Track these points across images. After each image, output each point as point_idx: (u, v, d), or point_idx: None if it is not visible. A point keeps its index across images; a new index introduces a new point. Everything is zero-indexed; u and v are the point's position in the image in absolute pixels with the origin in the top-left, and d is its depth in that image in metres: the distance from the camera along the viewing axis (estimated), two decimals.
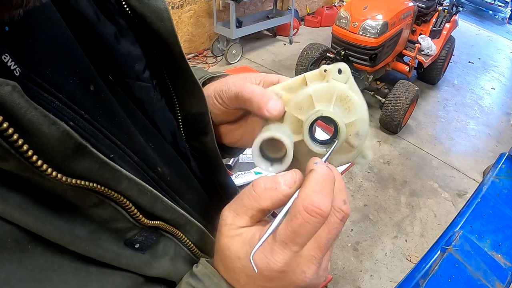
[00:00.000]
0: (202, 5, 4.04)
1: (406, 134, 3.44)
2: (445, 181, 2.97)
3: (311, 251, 0.29)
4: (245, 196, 0.32)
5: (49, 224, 0.23)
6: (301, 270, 0.29)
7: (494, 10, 8.75)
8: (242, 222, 0.31)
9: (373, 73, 3.35)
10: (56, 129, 0.21)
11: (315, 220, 0.28)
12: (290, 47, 4.77)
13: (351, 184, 2.81)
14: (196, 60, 4.18)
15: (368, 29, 3.01)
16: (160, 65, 0.37)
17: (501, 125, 3.89)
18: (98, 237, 0.27)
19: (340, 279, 2.13)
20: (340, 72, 0.34)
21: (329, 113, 0.33)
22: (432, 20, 3.77)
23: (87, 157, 0.23)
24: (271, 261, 0.28)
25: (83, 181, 0.24)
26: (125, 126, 0.31)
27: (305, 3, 5.61)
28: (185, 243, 0.37)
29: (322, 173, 0.30)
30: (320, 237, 0.29)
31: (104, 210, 0.27)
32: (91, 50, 0.29)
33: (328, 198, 0.29)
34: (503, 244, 1.44)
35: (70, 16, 0.28)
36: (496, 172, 1.74)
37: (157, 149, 0.36)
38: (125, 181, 0.27)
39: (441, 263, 1.33)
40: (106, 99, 0.29)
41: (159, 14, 0.34)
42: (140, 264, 0.31)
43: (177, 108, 0.41)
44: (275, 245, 0.29)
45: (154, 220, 0.32)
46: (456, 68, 4.90)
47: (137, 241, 0.31)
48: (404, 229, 2.51)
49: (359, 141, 0.35)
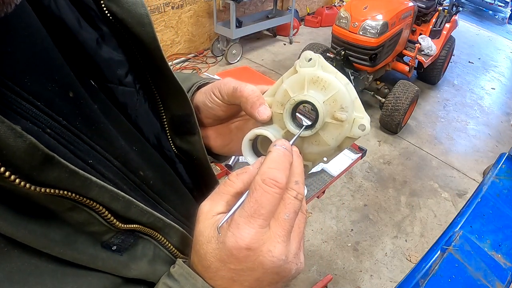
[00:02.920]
0: (202, 5, 4.04)
1: (406, 134, 3.44)
2: (445, 181, 2.97)
3: (273, 229, 0.31)
4: (220, 186, 0.35)
5: (23, 229, 0.24)
6: (267, 249, 0.30)
7: (494, 10, 8.75)
8: (218, 208, 0.33)
9: (373, 73, 3.35)
10: (22, 141, 0.21)
11: (273, 190, 0.31)
12: (290, 47, 4.77)
13: (351, 184, 2.81)
14: (196, 60, 4.18)
15: (368, 29, 3.01)
16: (143, 69, 0.38)
17: (501, 125, 3.89)
18: (74, 240, 0.28)
19: (340, 279, 2.13)
20: (310, 60, 0.38)
21: (302, 97, 0.36)
22: (432, 20, 3.77)
23: (56, 167, 0.24)
24: (238, 237, 0.30)
25: (52, 189, 0.24)
26: (106, 131, 0.31)
27: (305, 3, 5.61)
28: (165, 245, 0.37)
29: (278, 153, 0.33)
30: (278, 214, 0.32)
31: (79, 215, 0.27)
32: (73, 56, 0.30)
33: (283, 172, 0.32)
34: (503, 244, 1.44)
35: (51, 23, 0.28)
36: (496, 172, 1.74)
37: (141, 153, 0.36)
38: (95, 188, 0.27)
39: (441, 263, 1.33)
40: (85, 105, 0.29)
41: (140, 19, 0.35)
42: (117, 266, 0.32)
43: (162, 111, 0.42)
44: (241, 220, 0.30)
45: (130, 224, 0.32)
46: (456, 68, 4.90)
47: (114, 244, 0.31)
48: (404, 229, 2.51)
49: (345, 113, 0.37)
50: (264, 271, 0.31)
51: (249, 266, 0.31)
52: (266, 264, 0.30)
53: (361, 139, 3.26)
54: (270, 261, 0.30)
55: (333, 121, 0.37)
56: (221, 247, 0.31)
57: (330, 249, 2.30)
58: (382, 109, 3.23)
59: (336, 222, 2.49)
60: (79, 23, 0.31)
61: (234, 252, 0.30)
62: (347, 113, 0.37)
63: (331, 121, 0.37)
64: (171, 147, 0.44)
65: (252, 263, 0.31)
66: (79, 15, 0.32)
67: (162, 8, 3.68)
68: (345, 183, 2.80)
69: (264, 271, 0.31)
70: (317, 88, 0.37)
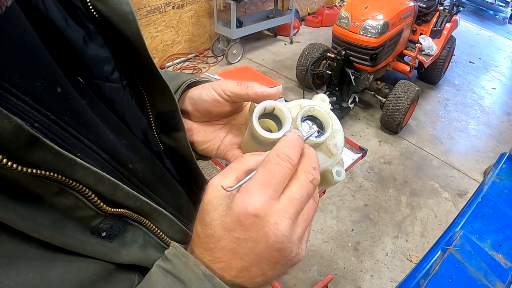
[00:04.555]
0: (202, 5, 4.04)
1: (406, 134, 3.44)
2: (446, 181, 2.97)
3: (284, 204, 0.32)
4: (233, 162, 0.36)
5: (12, 212, 0.25)
6: (274, 221, 0.31)
7: (495, 10, 8.74)
8: (228, 182, 0.34)
9: (373, 73, 3.34)
10: (8, 122, 0.22)
11: (285, 164, 0.32)
12: (291, 47, 4.77)
13: (352, 184, 2.81)
14: (196, 60, 4.18)
15: (368, 29, 3.01)
16: (129, 66, 0.39)
17: (502, 125, 3.89)
18: (63, 225, 0.28)
19: (341, 279, 2.13)
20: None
21: (319, 108, 0.39)
22: (432, 20, 3.77)
23: (40, 147, 0.25)
24: (247, 202, 0.31)
25: (38, 170, 0.25)
26: (94, 125, 0.32)
27: (305, 3, 5.61)
28: (154, 232, 0.38)
29: (292, 137, 0.35)
30: (291, 192, 0.32)
31: (66, 199, 0.28)
32: (60, 54, 0.31)
33: (296, 152, 0.33)
34: (504, 244, 1.44)
35: (39, 22, 0.29)
36: (496, 172, 1.74)
37: (130, 146, 0.37)
38: (80, 169, 0.28)
39: (442, 263, 1.33)
40: (73, 100, 0.30)
41: (125, 16, 0.36)
42: (107, 252, 0.32)
43: (148, 107, 0.43)
44: (252, 186, 0.31)
45: (117, 208, 0.32)
46: (456, 68, 4.90)
47: (103, 229, 0.32)
48: (404, 229, 2.51)
49: (337, 150, 0.41)
50: (266, 245, 0.31)
51: (252, 236, 0.31)
52: (270, 236, 0.31)
53: (362, 139, 3.26)
54: (274, 234, 0.31)
55: (326, 150, 0.41)
56: (228, 213, 0.31)
57: (330, 249, 2.30)
58: (382, 109, 3.23)
59: (336, 222, 2.49)
60: (66, 22, 0.32)
61: (241, 218, 0.31)
62: (338, 151, 0.41)
63: (325, 149, 0.41)
64: (158, 143, 0.45)
65: (257, 233, 0.31)
66: (66, 13, 0.32)
67: (162, 8, 3.68)
68: (345, 183, 2.80)
69: (266, 245, 0.31)
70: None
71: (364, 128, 3.45)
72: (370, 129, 3.45)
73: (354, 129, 3.41)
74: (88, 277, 0.31)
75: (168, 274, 0.33)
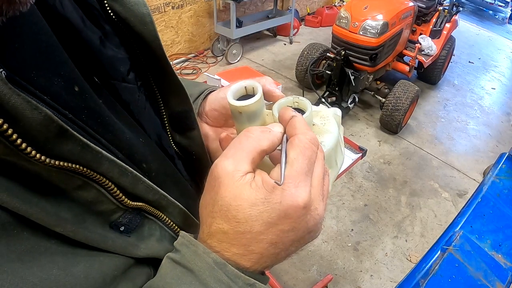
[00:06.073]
0: (202, 5, 4.04)
1: (406, 134, 3.44)
2: (446, 181, 2.97)
3: (316, 188, 0.32)
4: (242, 141, 0.33)
5: (35, 207, 0.24)
6: (315, 207, 0.31)
7: (495, 10, 8.74)
8: (244, 167, 0.31)
9: (373, 73, 3.34)
10: (38, 113, 0.22)
11: (317, 150, 0.33)
12: (290, 47, 4.77)
13: (351, 184, 2.81)
14: (196, 60, 4.18)
15: (368, 29, 3.01)
16: (144, 67, 0.39)
17: (502, 125, 3.89)
18: (83, 220, 0.28)
19: (340, 279, 2.13)
20: None
21: (303, 99, 0.39)
22: (432, 20, 3.77)
23: (69, 139, 0.25)
24: (298, 196, 0.30)
25: (66, 163, 0.25)
26: (111, 124, 0.32)
27: (305, 3, 5.61)
28: (169, 226, 0.38)
29: (300, 117, 0.35)
30: (317, 173, 0.33)
31: (88, 192, 0.28)
32: (77, 54, 0.31)
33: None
34: (504, 244, 1.44)
35: (56, 21, 0.29)
36: (496, 172, 1.75)
37: (146, 145, 0.37)
38: (106, 162, 0.28)
39: (442, 263, 1.33)
40: (91, 99, 0.30)
41: (142, 18, 0.36)
42: (127, 246, 0.32)
43: (162, 107, 0.43)
44: (298, 178, 0.30)
45: (137, 202, 0.33)
46: (456, 68, 4.90)
47: (121, 224, 0.32)
48: (404, 229, 2.51)
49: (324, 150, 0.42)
50: (304, 230, 0.32)
51: (296, 226, 0.31)
52: (310, 222, 0.31)
53: (361, 139, 3.26)
54: (314, 219, 0.31)
55: None
56: (273, 208, 0.30)
57: (330, 249, 2.30)
58: (382, 109, 3.23)
59: (336, 222, 2.49)
60: (83, 22, 0.32)
61: (290, 211, 0.30)
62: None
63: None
64: (171, 144, 0.45)
65: (300, 223, 0.31)
66: (83, 14, 0.33)
67: (162, 8, 3.68)
68: (345, 183, 2.80)
69: (305, 230, 0.31)
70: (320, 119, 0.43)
71: (364, 128, 3.45)
72: (369, 129, 3.45)
73: (354, 129, 3.41)
74: (110, 272, 0.31)
75: (176, 265, 0.32)
